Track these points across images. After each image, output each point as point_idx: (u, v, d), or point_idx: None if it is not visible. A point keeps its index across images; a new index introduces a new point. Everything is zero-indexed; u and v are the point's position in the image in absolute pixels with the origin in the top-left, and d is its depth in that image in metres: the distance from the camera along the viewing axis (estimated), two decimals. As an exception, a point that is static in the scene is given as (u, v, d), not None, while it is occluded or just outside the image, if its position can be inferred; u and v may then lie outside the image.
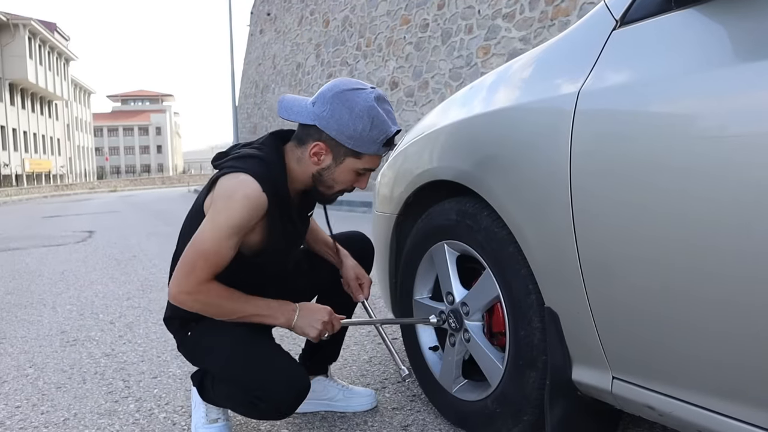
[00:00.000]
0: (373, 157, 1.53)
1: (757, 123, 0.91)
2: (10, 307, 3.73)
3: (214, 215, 1.47)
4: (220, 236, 1.45)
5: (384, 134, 1.48)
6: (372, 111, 1.46)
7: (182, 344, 1.71)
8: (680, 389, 1.09)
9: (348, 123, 1.46)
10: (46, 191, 37.03)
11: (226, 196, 1.47)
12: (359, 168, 1.55)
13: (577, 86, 1.25)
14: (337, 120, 1.47)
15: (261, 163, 1.51)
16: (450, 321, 1.72)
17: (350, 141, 1.48)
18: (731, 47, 1.02)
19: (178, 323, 1.69)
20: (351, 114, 1.46)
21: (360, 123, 1.46)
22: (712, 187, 0.97)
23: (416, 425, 1.78)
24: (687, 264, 1.02)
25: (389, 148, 1.54)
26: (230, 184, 1.48)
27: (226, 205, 1.46)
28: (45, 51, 47.41)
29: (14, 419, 1.97)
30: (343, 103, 1.46)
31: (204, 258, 1.46)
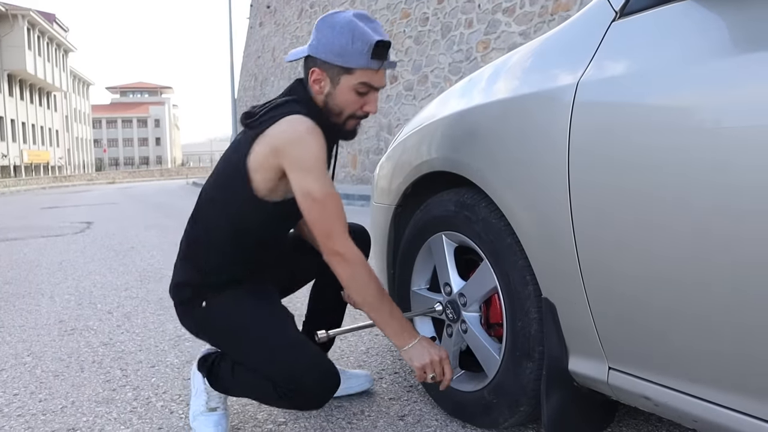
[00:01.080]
0: (366, 71, 1.53)
1: (756, 115, 0.91)
2: (9, 297, 3.73)
3: (301, 163, 1.48)
4: (323, 176, 1.49)
5: (367, 44, 1.49)
6: (350, 24, 1.50)
7: (189, 316, 1.67)
8: (676, 380, 1.10)
9: (332, 41, 1.51)
10: (44, 182, 36.98)
11: (297, 140, 1.48)
12: (356, 84, 1.54)
13: (576, 77, 1.25)
14: (323, 43, 1.53)
15: (300, 104, 1.55)
16: (447, 312, 1.73)
17: (338, 58, 1.51)
18: (730, 38, 1.02)
19: (191, 291, 1.64)
20: (332, 32, 1.51)
21: (342, 38, 1.50)
22: (710, 178, 0.97)
23: (413, 415, 1.79)
24: (684, 255, 1.02)
25: (381, 60, 1.53)
26: (291, 127, 1.50)
27: (305, 147, 1.48)
28: (44, 42, 47.25)
29: (12, 406, 1.97)
30: (325, 26, 1.53)
31: (333, 203, 1.50)
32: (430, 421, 1.75)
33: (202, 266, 1.63)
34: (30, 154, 45.58)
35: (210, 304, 1.62)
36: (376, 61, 1.52)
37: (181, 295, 1.67)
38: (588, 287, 1.24)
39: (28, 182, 35.17)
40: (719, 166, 0.96)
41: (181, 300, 1.67)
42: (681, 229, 1.02)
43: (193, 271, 1.64)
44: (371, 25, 1.54)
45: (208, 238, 1.63)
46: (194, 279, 1.63)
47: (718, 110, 0.97)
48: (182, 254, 1.69)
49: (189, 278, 1.65)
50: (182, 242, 1.69)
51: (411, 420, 1.76)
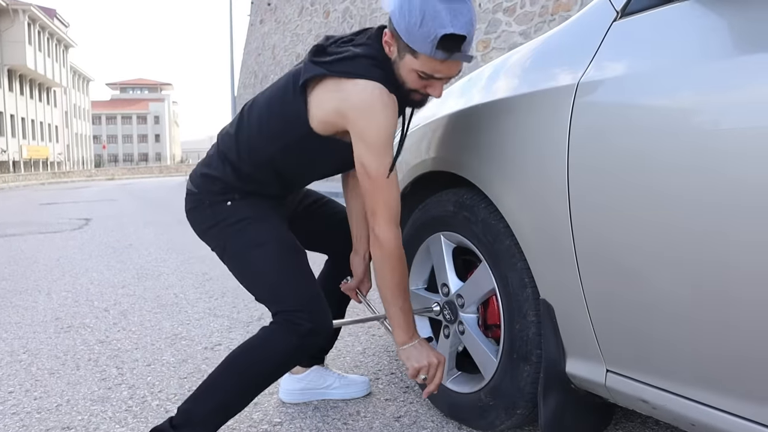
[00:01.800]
0: (431, 60, 1.38)
1: (756, 115, 0.90)
2: (5, 293, 3.72)
3: (364, 137, 1.43)
4: (382, 155, 1.44)
5: (433, 34, 1.32)
6: (425, 4, 1.32)
7: (208, 209, 1.61)
8: (674, 383, 1.09)
9: (405, 13, 1.36)
10: (43, 178, 36.94)
11: (365, 112, 1.42)
12: (417, 69, 1.41)
13: (577, 77, 1.24)
14: (399, 8, 1.38)
15: (377, 64, 1.45)
16: (445, 312, 1.72)
17: (405, 34, 1.38)
18: (731, 39, 1.01)
19: (221, 185, 1.59)
20: (410, 3, 1.35)
21: (412, 15, 1.34)
22: (710, 180, 0.96)
23: (409, 416, 1.78)
24: (682, 258, 1.02)
25: (449, 53, 1.36)
26: (362, 97, 1.42)
27: (371, 122, 1.42)
28: (44, 37, 47.18)
29: (7, 404, 1.96)
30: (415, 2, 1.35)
31: (385, 184, 1.45)
32: (426, 422, 1.74)
33: (239, 170, 1.58)
34: (29, 150, 45.53)
35: (236, 205, 1.59)
36: (441, 52, 1.35)
37: (208, 185, 1.62)
38: (586, 290, 1.23)
39: (27, 178, 35.13)
40: (719, 167, 0.95)
41: (206, 189, 1.62)
42: (681, 231, 1.01)
43: (229, 171, 1.59)
44: (455, 6, 1.33)
45: (251, 155, 1.58)
46: (228, 177, 1.59)
47: (719, 111, 0.97)
48: (217, 154, 1.63)
49: (222, 173, 1.60)
50: (218, 148, 1.64)
51: (407, 421, 1.75)
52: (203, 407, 1.51)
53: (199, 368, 2.25)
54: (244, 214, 1.58)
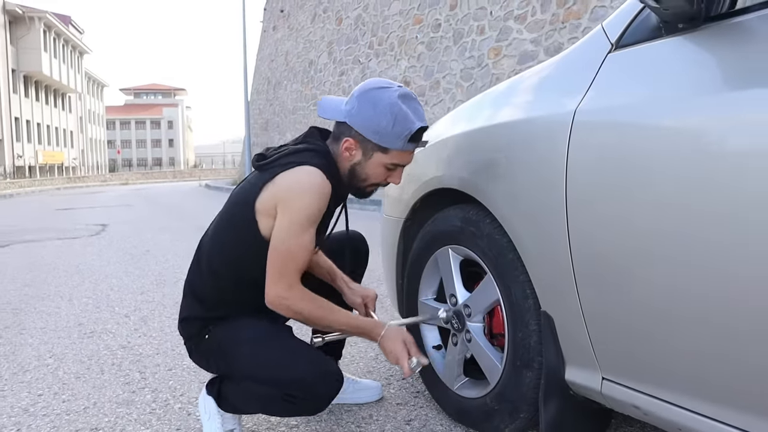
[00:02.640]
0: (400, 152, 1.59)
1: (746, 143, 0.99)
2: (29, 299, 3.85)
3: (290, 213, 1.54)
4: (302, 232, 1.54)
5: (407, 130, 1.53)
6: (394, 108, 1.53)
7: (197, 350, 1.74)
8: (663, 390, 1.18)
9: (372, 119, 1.54)
10: (58, 183, 37.37)
11: (297, 191, 1.53)
12: (387, 163, 1.60)
13: (574, 105, 1.33)
14: (362, 116, 1.55)
15: (318, 155, 1.60)
16: (453, 322, 1.81)
17: (375, 136, 1.55)
18: (717, 73, 1.10)
19: (198, 324, 1.70)
20: (375, 110, 1.54)
21: (383, 119, 1.53)
22: (699, 202, 1.04)
23: (419, 420, 1.88)
24: (670, 277, 1.10)
25: (416, 143, 1.59)
26: (296, 177, 1.54)
27: (300, 200, 1.53)
28: (59, 44, 47.78)
29: (37, 406, 2.08)
30: (368, 101, 1.55)
31: (293, 259, 1.55)
32: (435, 426, 1.83)
33: (205, 300, 1.70)
34: (45, 155, 46.06)
35: (213, 334, 1.69)
36: (412, 144, 1.58)
37: (188, 329, 1.74)
38: (583, 302, 1.32)
39: (42, 183, 35.56)
40: (707, 189, 1.03)
41: (189, 335, 1.74)
42: (669, 250, 1.10)
43: (197, 305, 1.71)
44: (413, 106, 1.57)
45: (213, 278, 1.69)
46: (198, 312, 1.70)
47: (708, 139, 1.05)
48: (186, 291, 1.76)
49: (193, 312, 1.72)
50: (186, 281, 1.77)
51: (417, 425, 1.84)
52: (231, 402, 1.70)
53: (218, 373, 2.35)
54: (220, 338, 1.68)
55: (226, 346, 1.67)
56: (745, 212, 0.97)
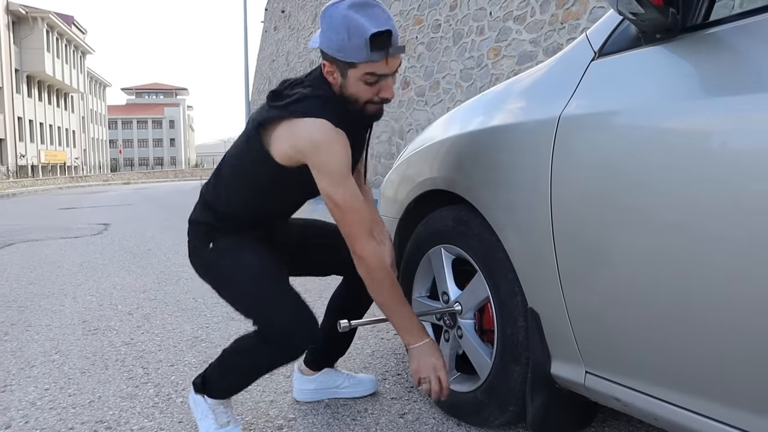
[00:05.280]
0: (370, 63, 1.52)
1: (717, 147, 1.05)
2: (34, 297, 3.92)
3: (321, 168, 1.57)
4: (342, 182, 1.57)
5: (362, 39, 1.47)
6: (345, 19, 1.47)
7: (199, 255, 1.80)
8: (640, 383, 1.24)
9: (331, 37, 1.51)
10: (61, 182, 37.45)
11: (315, 147, 1.55)
12: (362, 76, 1.55)
13: (559, 110, 1.40)
14: (324, 37, 1.53)
15: (318, 102, 1.58)
16: (445, 318, 1.87)
17: (339, 53, 1.52)
18: (693, 81, 1.16)
19: (205, 230, 1.78)
20: (330, 28, 1.50)
21: (338, 34, 1.49)
22: (677, 202, 1.10)
23: (412, 413, 1.94)
24: (649, 275, 1.17)
25: (382, 50, 1.50)
26: (308, 134, 1.55)
27: (323, 155, 1.56)
28: (62, 44, 47.88)
29: (44, 400, 2.14)
30: (324, 20, 1.52)
31: (352, 207, 1.58)
32: (428, 419, 1.89)
33: (216, 210, 1.76)
34: (47, 155, 46.17)
35: (216, 245, 1.75)
36: (377, 53, 1.50)
37: (196, 231, 1.80)
38: (567, 299, 1.38)
39: (45, 182, 35.64)
40: (686, 190, 1.09)
41: (196, 236, 1.80)
42: (648, 250, 1.16)
43: (207, 212, 1.78)
44: (369, 12, 1.49)
45: (228, 196, 1.75)
46: (207, 218, 1.77)
47: (684, 142, 1.11)
48: (200, 197, 1.82)
49: (202, 217, 1.79)
50: (201, 189, 1.83)
51: (410, 418, 1.91)
52: (216, 384, 1.78)
53: (219, 369, 2.41)
54: (223, 251, 1.74)
55: (223, 264, 1.73)
56: (722, 211, 1.03)
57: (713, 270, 1.05)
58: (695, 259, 1.08)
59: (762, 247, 0.97)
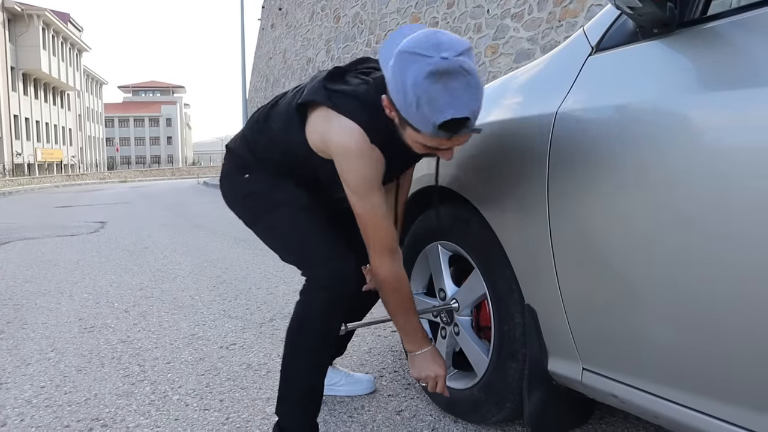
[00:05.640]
0: (433, 137, 1.28)
1: (714, 142, 1.05)
2: (30, 295, 3.91)
3: (344, 175, 1.49)
4: (363, 194, 1.48)
5: (431, 120, 1.22)
6: (418, 88, 1.21)
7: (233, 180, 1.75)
8: (639, 380, 1.24)
9: (397, 90, 1.27)
10: (57, 180, 37.35)
11: (342, 153, 1.47)
12: (421, 142, 1.33)
13: (556, 105, 1.39)
14: (391, 82, 1.29)
15: (367, 114, 1.43)
16: (442, 315, 1.87)
17: (403, 111, 1.29)
18: (690, 75, 1.16)
19: (241, 161, 1.73)
20: (400, 82, 1.25)
21: (405, 97, 1.24)
22: (674, 198, 1.10)
23: (409, 410, 1.94)
24: (646, 272, 1.16)
25: (453, 132, 1.25)
26: (342, 135, 1.45)
27: (347, 164, 1.47)
28: (58, 41, 47.73)
29: (40, 398, 2.13)
30: (399, 66, 1.25)
31: (370, 221, 1.51)
32: (425, 416, 1.89)
33: (256, 152, 1.71)
34: (43, 153, 46.04)
35: (251, 177, 1.71)
36: (444, 132, 1.25)
37: (233, 159, 1.77)
38: (564, 296, 1.37)
39: (41, 180, 35.54)
40: (683, 185, 1.09)
41: (230, 163, 1.78)
42: (646, 246, 1.16)
43: (247, 152, 1.72)
44: (451, 86, 1.20)
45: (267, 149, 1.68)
46: (246, 156, 1.72)
47: (681, 137, 1.10)
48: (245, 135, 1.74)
49: (242, 152, 1.73)
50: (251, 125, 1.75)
51: (407, 415, 1.90)
52: (292, 401, 1.65)
53: (216, 366, 2.41)
54: (258, 186, 1.70)
55: (261, 196, 1.69)
56: (719, 207, 1.03)
57: (711, 266, 1.05)
58: (693, 255, 1.07)
59: (757, 243, 0.97)
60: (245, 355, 2.54)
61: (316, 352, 1.64)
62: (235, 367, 2.40)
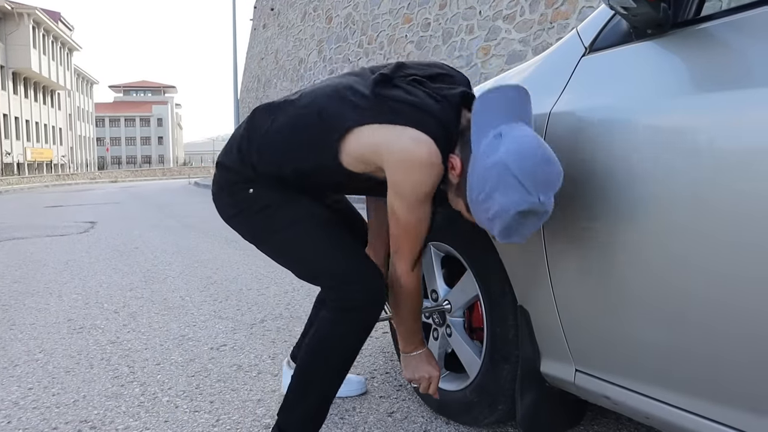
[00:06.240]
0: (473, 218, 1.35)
1: (706, 142, 1.04)
2: (18, 295, 3.87)
3: (397, 185, 1.37)
4: (413, 206, 1.38)
5: (491, 231, 1.28)
6: (503, 215, 1.22)
7: (233, 197, 1.58)
8: (631, 381, 1.23)
9: (482, 192, 1.26)
10: (47, 180, 37.14)
11: (404, 164, 1.34)
12: (465, 215, 1.40)
13: (550, 106, 1.39)
14: (480, 179, 1.26)
15: (441, 128, 1.36)
16: (434, 316, 1.86)
17: (472, 202, 1.31)
18: (683, 76, 1.15)
19: (241, 178, 1.55)
20: (491, 193, 1.24)
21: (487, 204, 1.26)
22: (667, 199, 1.10)
23: (401, 412, 1.93)
24: (638, 273, 1.16)
25: None
26: (405, 148, 1.33)
27: (408, 175, 1.35)
28: (49, 40, 47.48)
29: (27, 399, 2.11)
30: (499, 178, 1.22)
31: (411, 233, 1.43)
32: (417, 417, 1.88)
33: (258, 167, 1.53)
34: (33, 152, 45.77)
35: (257, 192, 1.54)
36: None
37: (228, 173, 1.58)
38: (557, 298, 1.37)
39: (31, 180, 35.33)
40: (675, 186, 1.08)
41: (227, 181, 1.59)
42: (639, 247, 1.15)
43: (249, 168, 1.54)
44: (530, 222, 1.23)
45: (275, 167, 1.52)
46: (246, 172, 1.54)
47: (673, 138, 1.10)
48: (240, 149, 1.56)
49: (240, 168, 1.55)
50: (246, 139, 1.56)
51: (399, 416, 1.89)
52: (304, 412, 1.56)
53: (206, 367, 2.39)
54: (268, 200, 1.55)
55: (275, 211, 1.55)
56: (712, 208, 1.03)
57: (703, 267, 1.04)
58: (686, 256, 1.07)
59: (749, 245, 0.96)
60: (236, 357, 2.52)
61: (342, 370, 1.57)
62: (226, 368, 2.39)
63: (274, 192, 1.55)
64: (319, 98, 1.48)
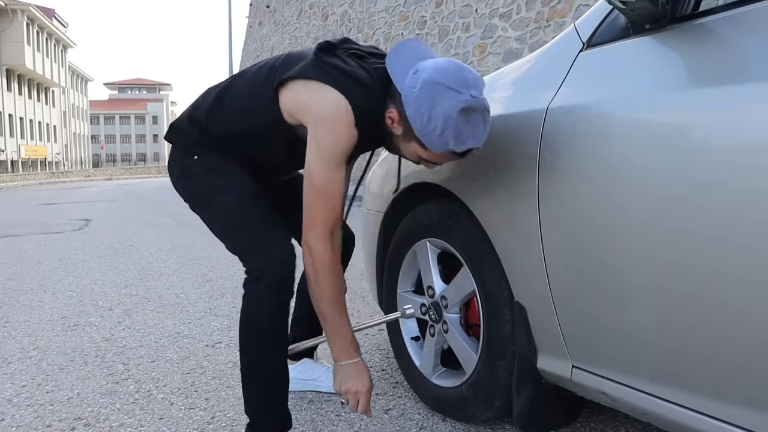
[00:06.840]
0: (440, 155, 1.44)
1: (704, 138, 1.04)
2: (12, 293, 3.85)
3: (317, 141, 1.47)
4: (331, 165, 1.47)
5: (450, 146, 1.37)
6: (448, 121, 1.34)
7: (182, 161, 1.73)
8: (629, 377, 1.23)
9: (423, 115, 1.36)
10: (41, 178, 36.98)
11: (324, 120, 1.46)
12: (423, 156, 1.47)
13: (547, 102, 1.38)
14: (417, 105, 1.38)
15: (365, 94, 1.47)
16: (430, 313, 1.85)
17: (419, 132, 1.40)
18: (681, 72, 1.15)
19: (190, 142, 1.70)
20: (431, 110, 1.35)
21: (431, 123, 1.36)
22: (664, 194, 1.09)
23: (397, 409, 1.92)
24: (636, 268, 1.15)
25: (461, 156, 1.44)
26: (329, 103, 1.46)
27: (327, 131, 1.46)
28: (43, 37, 47.28)
29: (21, 397, 2.10)
30: (430, 95, 1.36)
31: (327, 196, 1.48)
32: (413, 414, 1.88)
33: (208, 129, 1.66)
34: (27, 150, 45.59)
35: (200, 158, 1.68)
36: (455, 154, 1.43)
37: (180, 138, 1.74)
38: (554, 293, 1.36)
39: (25, 177, 35.18)
40: (674, 181, 1.08)
41: (180, 144, 1.74)
42: (637, 243, 1.15)
43: (197, 130, 1.68)
44: (474, 120, 1.36)
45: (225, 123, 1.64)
46: (196, 135, 1.68)
47: (671, 133, 1.10)
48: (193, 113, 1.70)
49: (191, 131, 1.69)
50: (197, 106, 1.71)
51: (395, 413, 1.89)
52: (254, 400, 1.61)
53: (201, 365, 2.38)
54: (210, 164, 1.67)
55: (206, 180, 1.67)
56: (709, 204, 1.02)
57: (701, 264, 1.04)
58: (683, 252, 1.07)
59: (746, 242, 0.96)
60: (231, 354, 2.51)
61: (276, 340, 1.60)
62: (221, 365, 2.38)
63: (212, 160, 1.67)
64: (272, 60, 1.64)
